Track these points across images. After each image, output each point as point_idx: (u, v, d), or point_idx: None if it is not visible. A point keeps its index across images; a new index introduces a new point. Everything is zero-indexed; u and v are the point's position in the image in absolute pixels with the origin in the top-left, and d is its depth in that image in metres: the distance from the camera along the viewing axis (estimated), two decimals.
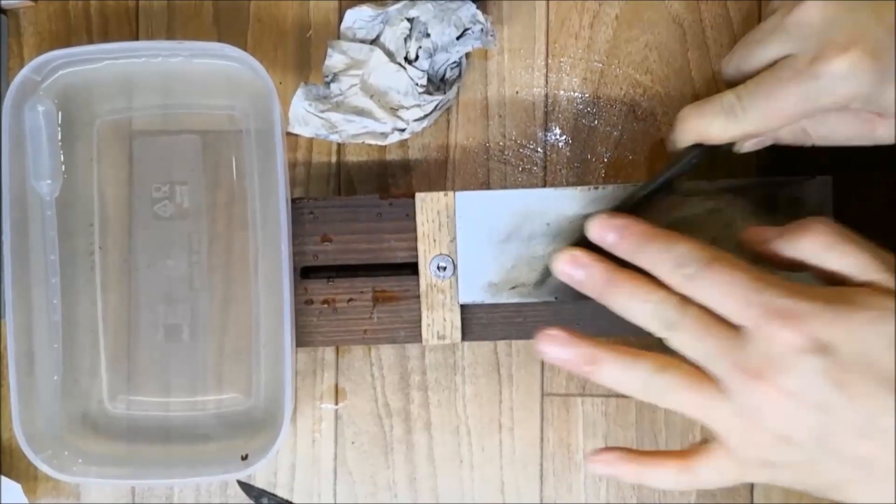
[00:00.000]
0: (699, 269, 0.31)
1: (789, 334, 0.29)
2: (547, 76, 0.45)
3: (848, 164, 0.38)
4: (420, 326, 0.42)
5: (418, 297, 0.42)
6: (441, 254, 0.41)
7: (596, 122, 0.45)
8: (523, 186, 0.45)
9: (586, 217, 0.34)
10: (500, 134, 0.46)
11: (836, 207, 0.39)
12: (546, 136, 0.46)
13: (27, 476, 0.47)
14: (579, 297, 0.34)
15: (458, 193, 0.41)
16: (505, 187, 0.46)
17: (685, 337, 0.31)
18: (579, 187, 0.40)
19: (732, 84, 0.36)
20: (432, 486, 0.46)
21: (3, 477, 0.45)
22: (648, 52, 0.45)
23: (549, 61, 0.45)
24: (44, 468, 0.41)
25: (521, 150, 0.46)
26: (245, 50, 0.40)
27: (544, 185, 0.45)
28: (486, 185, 0.46)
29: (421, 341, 0.42)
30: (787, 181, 0.40)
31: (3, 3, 0.45)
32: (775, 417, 0.30)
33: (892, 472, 0.29)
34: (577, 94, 0.45)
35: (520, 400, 0.46)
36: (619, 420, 0.45)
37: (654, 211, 0.37)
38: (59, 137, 0.43)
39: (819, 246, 0.31)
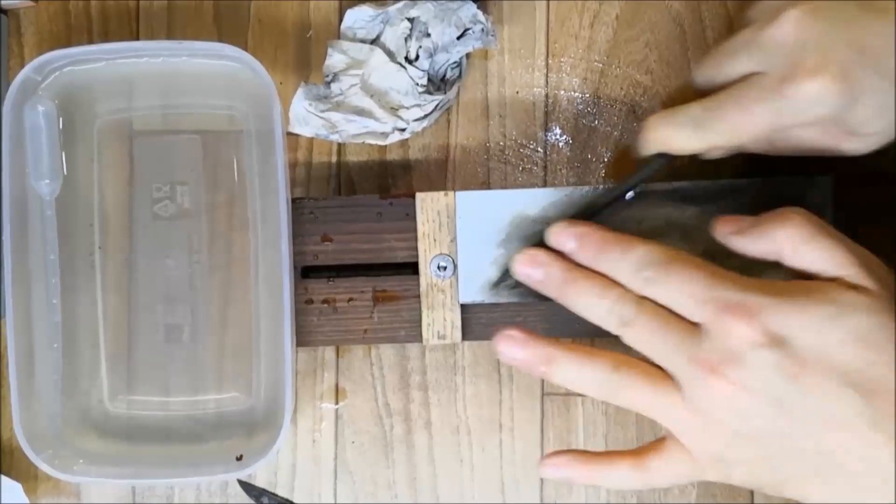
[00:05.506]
0: (657, 270, 0.31)
1: (744, 328, 0.29)
2: (547, 76, 0.45)
3: (848, 164, 0.38)
4: (420, 326, 0.42)
5: (418, 296, 0.42)
6: (441, 253, 0.41)
7: (596, 122, 0.45)
8: (523, 186, 0.45)
9: (547, 222, 0.35)
10: (500, 134, 0.46)
11: (837, 207, 0.39)
12: (546, 136, 0.46)
13: (27, 476, 0.47)
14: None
15: (459, 193, 0.41)
16: (505, 187, 0.46)
17: (641, 333, 0.31)
18: (580, 187, 0.40)
19: (702, 93, 0.36)
20: (432, 486, 0.46)
21: (3, 476, 0.45)
22: (648, 52, 0.45)
23: (550, 61, 0.45)
24: (44, 468, 0.41)
25: (521, 150, 0.46)
26: (245, 50, 0.40)
27: (545, 185, 0.45)
28: (487, 185, 0.46)
29: (421, 341, 0.42)
30: (787, 181, 0.40)
31: (3, 3, 0.45)
32: (730, 412, 0.30)
33: (846, 468, 0.29)
34: (577, 94, 0.45)
35: (520, 400, 0.46)
36: (619, 420, 0.45)
37: (617, 218, 0.38)
38: (60, 137, 0.43)
39: (796, 238, 0.31)
